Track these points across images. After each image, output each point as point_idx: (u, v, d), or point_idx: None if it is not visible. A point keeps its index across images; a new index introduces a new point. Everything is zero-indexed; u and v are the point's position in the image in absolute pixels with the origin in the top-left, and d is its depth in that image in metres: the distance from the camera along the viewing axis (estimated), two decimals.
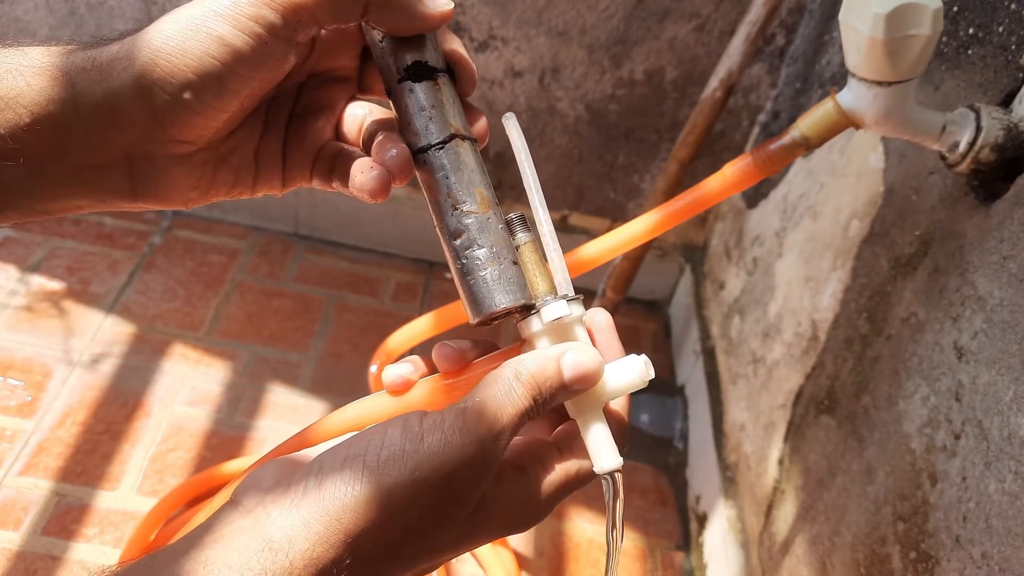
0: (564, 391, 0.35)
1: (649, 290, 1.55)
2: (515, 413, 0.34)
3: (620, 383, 0.37)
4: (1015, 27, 0.67)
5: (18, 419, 1.12)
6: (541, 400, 0.35)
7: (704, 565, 1.14)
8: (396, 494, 0.31)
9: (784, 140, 0.67)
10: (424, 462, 0.32)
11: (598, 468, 0.36)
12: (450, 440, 0.32)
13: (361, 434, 0.34)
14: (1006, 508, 0.57)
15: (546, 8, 1.19)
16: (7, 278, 1.30)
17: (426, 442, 0.32)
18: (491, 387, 0.34)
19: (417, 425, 0.33)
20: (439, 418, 0.33)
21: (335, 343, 1.35)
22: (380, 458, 0.32)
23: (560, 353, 0.36)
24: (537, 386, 0.35)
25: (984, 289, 0.64)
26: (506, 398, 0.34)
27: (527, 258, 0.38)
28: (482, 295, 0.37)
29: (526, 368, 0.35)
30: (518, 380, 0.34)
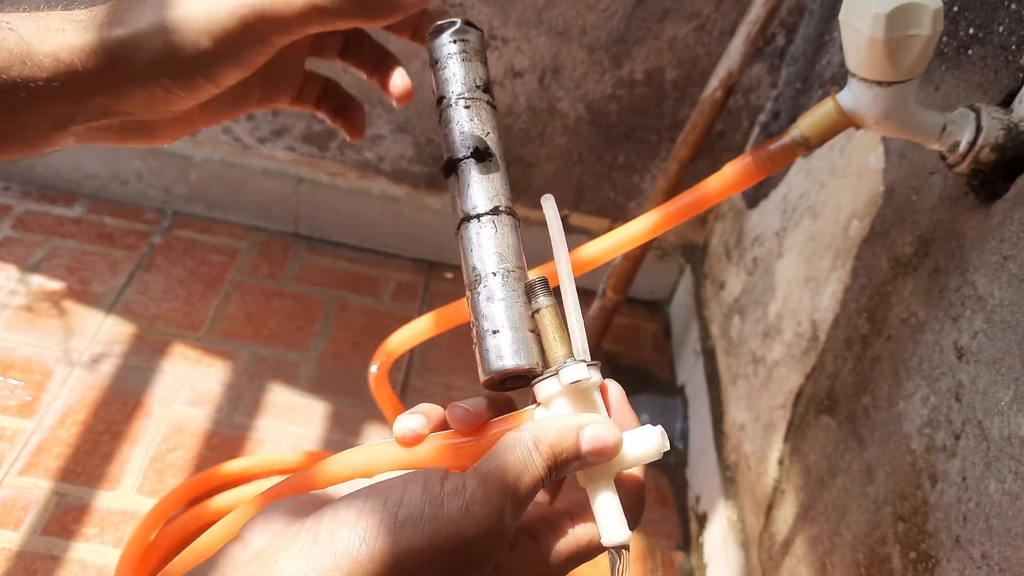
0: (578, 462, 0.35)
1: (649, 290, 1.55)
2: (532, 483, 0.34)
3: (634, 454, 0.37)
4: (1015, 27, 0.67)
5: (18, 419, 1.12)
6: (556, 470, 0.35)
7: (704, 565, 1.14)
8: (411, 557, 0.31)
9: (784, 140, 0.67)
10: (442, 528, 0.31)
11: (606, 541, 0.36)
12: (471, 509, 0.32)
13: (379, 486, 0.33)
14: (1006, 508, 0.57)
15: (546, 8, 1.19)
16: (7, 278, 1.30)
17: (446, 507, 0.32)
18: (510, 453, 0.34)
19: (438, 487, 0.32)
20: (460, 483, 0.33)
21: (335, 343, 1.35)
22: (398, 517, 0.31)
23: (581, 425, 0.35)
24: (554, 456, 0.34)
25: (984, 289, 0.64)
26: (524, 466, 0.34)
27: (547, 322, 0.38)
28: (491, 356, 0.37)
29: (545, 437, 0.34)
30: (536, 449, 0.34)
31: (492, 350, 0.37)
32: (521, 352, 0.37)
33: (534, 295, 0.39)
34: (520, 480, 0.33)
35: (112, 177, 1.47)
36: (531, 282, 0.40)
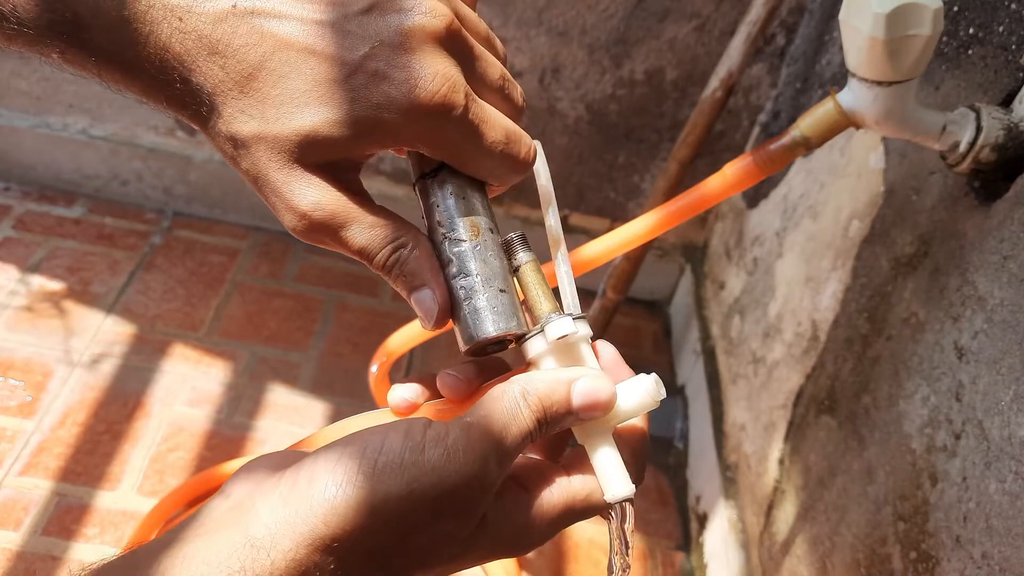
0: (571, 417, 0.34)
1: (649, 290, 1.55)
2: (519, 434, 0.32)
3: (629, 405, 0.35)
4: (1015, 27, 0.67)
5: (18, 419, 1.12)
6: (546, 424, 0.33)
7: (704, 565, 1.14)
8: (389, 505, 0.30)
9: (784, 140, 0.67)
10: (422, 476, 0.30)
11: (609, 496, 0.34)
12: (452, 456, 0.31)
13: (360, 434, 0.32)
14: (1006, 508, 0.57)
15: (546, 8, 1.19)
16: (7, 278, 1.30)
17: (427, 455, 0.31)
18: (497, 403, 0.33)
19: (420, 434, 0.31)
20: (443, 431, 0.31)
21: (335, 343, 1.35)
22: (377, 464, 0.30)
23: (572, 378, 0.34)
24: (543, 409, 0.33)
25: (984, 289, 0.64)
26: (512, 417, 0.32)
27: (528, 278, 0.37)
28: (469, 324, 0.35)
29: (534, 389, 0.33)
30: (525, 400, 0.33)
31: (470, 316, 0.35)
32: (502, 316, 0.35)
33: (513, 252, 0.38)
34: (507, 430, 0.32)
35: (112, 177, 1.47)
36: (508, 238, 0.38)
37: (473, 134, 0.34)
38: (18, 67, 1.34)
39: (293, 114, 0.33)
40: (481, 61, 0.35)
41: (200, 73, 0.32)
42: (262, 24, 0.32)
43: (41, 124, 1.41)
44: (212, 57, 0.32)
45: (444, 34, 0.34)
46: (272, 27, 0.32)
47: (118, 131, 1.42)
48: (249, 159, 0.34)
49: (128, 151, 1.43)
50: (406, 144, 0.35)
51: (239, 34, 0.32)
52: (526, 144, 0.37)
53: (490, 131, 0.35)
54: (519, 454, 0.33)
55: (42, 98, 1.38)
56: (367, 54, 0.33)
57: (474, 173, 0.37)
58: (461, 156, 0.35)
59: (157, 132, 1.41)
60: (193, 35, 0.32)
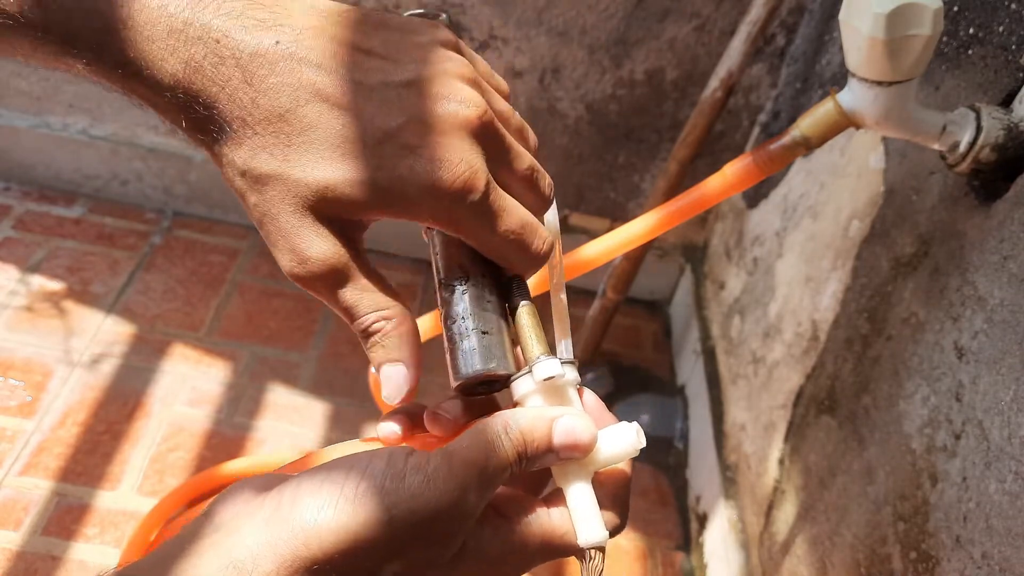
0: (551, 455, 0.34)
1: (649, 290, 1.55)
2: (499, 466, 0.33)
3: (609, 452, 0.36)
4: (1015, 27, 0.67)
5: (18, 419, 1.12)
6: (526, 459, 0.34)
7: (704, 565, 1.14)
8: (369, 529, 0.30)
9: (784, 140, 0.67)
10: (401, 502, 0.31)
11: (582, 540, 0.35)
12: (432, 484, 0.31)
13: (344, 459, 0.33)
14: (1006, 508, 0.57)
15: (546, 8, 1.19)
16: (7, 278, 1.30)
17: (407, 482, 0.31)
18: (479, 435, 0.33)
19: (401, 462, 0.32)
20: (424, 459, 0.32)
21: (335, 343, 1.34)
22: (358, 489, 0.31)
23: (554, 416, 0.35)
24: (525, 444, 0.33)
25: (984, 289, 0.64)
26: (492, 449, 0.33)
27: (524, 320, 0.38)
28: (458, 362, 0.37)
29: (516, 423, 0.34)
30: (507, 433, 0.33)
31: (464, 354, 0.37)
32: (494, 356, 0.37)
33: (510, 294, 0.39)
34: (487, 460, 0.32)
35: (112, 177, 1.47)
36: (507, 280, 0.39)
37: (488, 220, 0.35)
38: (18, 67, 1.34)
39: (316, 164, 0.33)
40: (511, 152, 0.37)
41: (228, 101, 0.33)
42: (302, 70, 0.33)
43: (41, 124, 1.41)
44: (244, 87, 0.32)
45: (476, 124, 0.35)
46: (311, 75, 0.33)
47: (118, 131, 1.42)
48: (260, 196, 0.34)
49: (128, 151, 1.43)
50: (420, 219, 0.35)
51: (276, 72, 0.32)
52: (541, 237, 0.38)
53: (505, 220, 0.36)
54: (499, 485, 0.33)
55: (42, 98, 1.38)
56: (400, 125, 0.33)
57: (485, 254, 0.38)
58: (473, 238, 0.36)
59: (157, 132, 1.41)
60: (230, 61, 0.32)
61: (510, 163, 0.37)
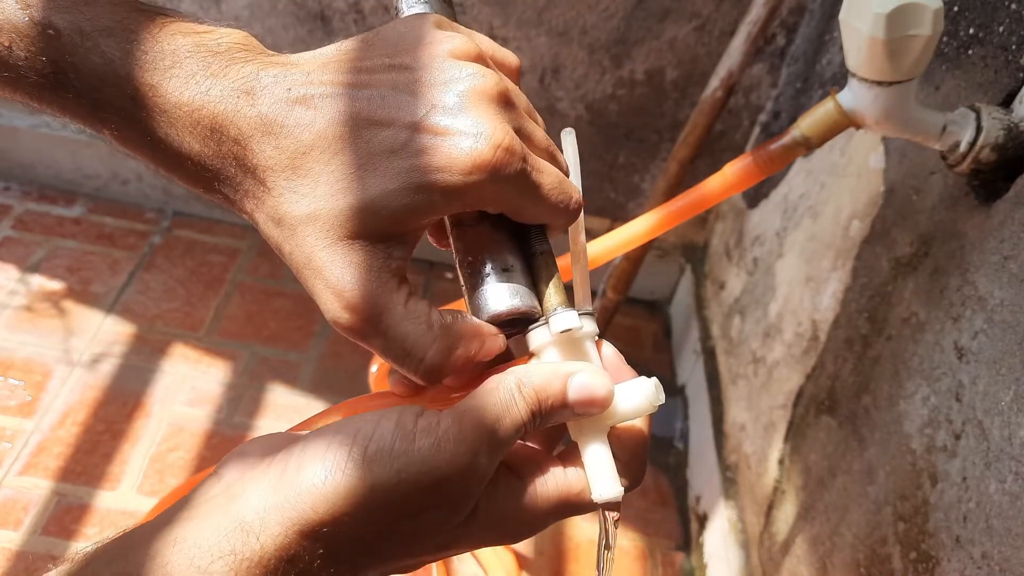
0: (566, 411, 0.34)
1: (649, 290, 1.55)
2: (512, 426, 0.32)
3: (626, 408, 0.35)
4: (1015, 27, 0.67)
5: (18, 419, 1.12)
6: (540, 416, 0.33)
7: (704, 565, 1.14)
8: (377, 493, 0.30)
9: (785, 140, 0.67)
10: (411, 465, 0.30)
11: (596, 496, 0.34)
12: (442, 447, 0.30)
13: (352, 420, 0.32)
14: (1006, 508, 0.57)
15: (546, 8, 1.19)
16: (7, 278, 1.30)
17: (417, 444, 0.30)
18: (491, 394, 0.32)
19: (411, 423, 0.31)
20: (435, 420, 0.31)
21: (335, 343, 1.34)
22: (367, 451, 0.30)
23: (569, 372, 0.34)
24: (539, 401, 0.33)
25: (985, 289, 0.64)
26: (505, 409, 0.32)
27: (542, 269, 0.37)
28: (481, 301, 0.35)
29: (530, 380, 0.33)
30: (520, 392, 0.33)
31: (485, 293, 0.35)
32: (518, 293, 0.35)
33: (528, 241, 0.37)
34: (499, 421, 0.32)
35: (112, 177, 1.47)
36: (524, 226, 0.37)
37: (532, 187, 0.35)
38: None
39: (347, 189, 0.32)
40: (528, 123, 0.36)
41: (254, 154, 0.33)
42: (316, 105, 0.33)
43: (41, 124, 1.41)
44: (266, 137, 0.33)
45: (494, 92, 0.34)
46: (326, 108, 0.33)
47: None
48: (295, 241, 0.33)
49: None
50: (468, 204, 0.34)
51: (293, 116, 0.33)
52: (575, 190, 0.37)
53: (546, 181, 0.35)
54: (512, 444, 0.33)
55: None
56: (423, 117, 0.33)
57: (530, 220, 0.36)
58: (520, 207, 0.35)
59: None
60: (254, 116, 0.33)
61: (530, 134, 0.36)
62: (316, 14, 1.24)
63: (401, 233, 0.34)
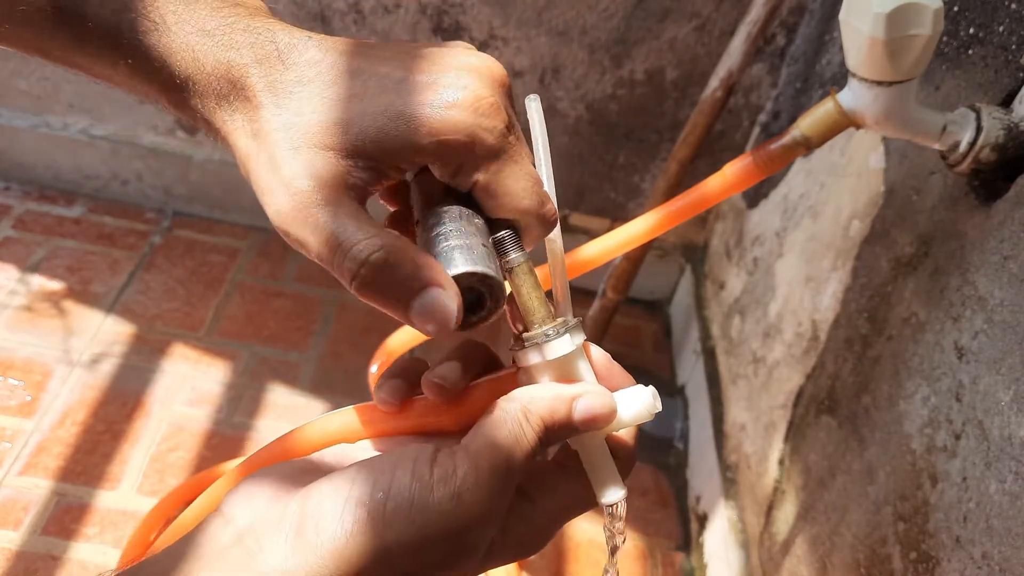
0: (572, 431, 0.34)
1: (649, 290, 1.55)
2: (523, 458, 0.33)
3: (627, 416, 0.35)
4: (1016, 27, 0.67)
5: (18, 419, 1.12)
6: (547, 441, 0.34)
7: (704, 565, 1.14)
8: (400, 549, 0.30)
9: (784, 140, 0.67)
10: (432, 520, 0.30)
11: (604, 500, 0.35)
12: (463, 498, 0.31)
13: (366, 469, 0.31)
14: (1007, 508, 0.57)
15: (546, 8, 1.19)
16: (7, 278, 1.30)
17: (436, 496, 0.30)
18: (500, 428, 0.33)
19: (427, 473, 0.31)
20: (451, 468, 0.31)
21: (335, 343, 1.34)
22: (386, 508, 0.30)
23: (574, 395, 0.34)
24: (546, 428, 0.33)
25: (985, 289, 0.64)
26: (516, 442, 0.32)
27: (520, 280, 0.35)
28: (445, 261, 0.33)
29: (536, 409, 0.33)
30: (528, 421, 0.33)
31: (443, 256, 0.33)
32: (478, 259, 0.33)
33: (504, 251, 0.35)
34: (512, 457, 0.32)
35: (112, 177, 1.47)
36: (499, 236, 0.35)
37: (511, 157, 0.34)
38: (18, 67, 1.34)
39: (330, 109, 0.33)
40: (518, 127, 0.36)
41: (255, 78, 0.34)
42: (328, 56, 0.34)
43: (41, 124, 1.41)
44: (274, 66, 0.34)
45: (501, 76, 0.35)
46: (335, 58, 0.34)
47: (118, 131, 1.42)
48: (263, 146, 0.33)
49: (128, 151, 1.43)
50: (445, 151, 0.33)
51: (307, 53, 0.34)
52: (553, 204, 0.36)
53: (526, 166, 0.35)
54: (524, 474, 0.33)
55: (42, 98, 1.38)
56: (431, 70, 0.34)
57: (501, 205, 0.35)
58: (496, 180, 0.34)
59: (157, 132, 1.41)
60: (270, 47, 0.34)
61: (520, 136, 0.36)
62: (316, 14, 1.24)
63: (371, 158, 0.33)
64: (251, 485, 0.32)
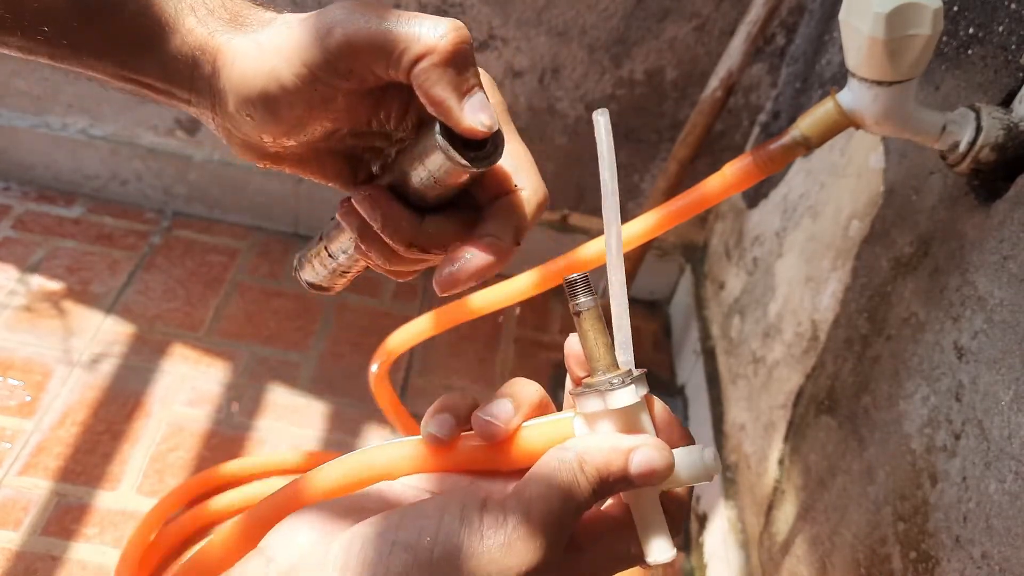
0: (627, 484, 0.33)
1: (649, 290, 1.55)
2: (576, 509, 0.32)
3: (683, 474, 0.35)
4: (1015, 27, 0.67)
5: (18, 419, 1.12)
6: (602, 493, 0.33)
7: (704, 565, 1.14)
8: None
9: (784, 140, 0.67)
10: (482, 568, 0.29)
11: (651, 559, 0.34)
12: (514, 546, 0.30)
13: (412, 514, 0.31)
14: (1006, 508, 0.57)
15: (546, 8, 1.19)
16: (7, 278, 1.30)
17: (486, 544, 0.30)
18: (555, 478, 0.32)
19: (477, 519, 0.30)
20: (501, 516, 0.30)
21: (335, 343, 1.34)
22: (434, 554, 0.29)
23: (631, 447, 0.33)
24: (600, 480, 0.32)
25: (984, 289, 0.64)
26: (570, 493, 0.31)
27: (588, 325, 0.35)
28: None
29: (592, 460, 0.32)
30: (583, 472, 0.32)
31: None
32: None
33: (574, 292, 0.35)
34: (565, 508, 0.31)
35: (112, 177, 1.47)
36: (571, 279, 0.35)
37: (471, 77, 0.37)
38: (18, 67, 1.34)
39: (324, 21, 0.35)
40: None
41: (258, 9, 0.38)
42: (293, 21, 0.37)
43: (41, 124, 1.41)
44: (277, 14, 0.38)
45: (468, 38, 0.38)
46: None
47: (118, 131, 1.42)
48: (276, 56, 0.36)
49: (128, 151, 1.43)
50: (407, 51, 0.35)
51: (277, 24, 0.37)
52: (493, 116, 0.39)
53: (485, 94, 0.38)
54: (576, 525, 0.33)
55: (42, 98, 1.38)
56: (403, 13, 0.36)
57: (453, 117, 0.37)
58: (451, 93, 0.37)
59: (157, 132, 1.41)
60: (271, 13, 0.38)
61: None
62: None
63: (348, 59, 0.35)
64: (294, 524, 0.32)
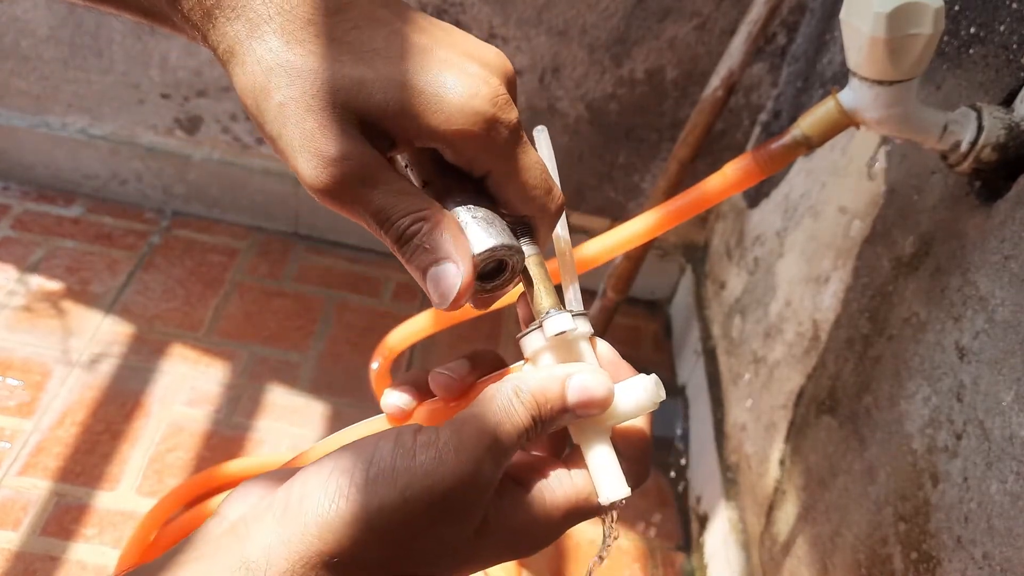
0: (567, 415, 0.33)
1: (650, 290, 1.55)
2: (513, 432, 0.32)
3: (627, 406, 0.35)
4: (1017, 26, 0.66)
5: (17, 419, 1.12)
6: (540, 422, 0.33)
7: (705, 566, 1.14)
8: (384, 514, 0.29)
9: (785, 139, 0.66)
10: (415, 481, 0.30)
11: (603, 498, 0.34)
12: (444, 458, 0.30)
13: (351, 445, 0.32)
14: (1008, 508, 0.57)
15: (546, 7, 1.19)
16: (6, 278, 1.30)
17: (418, 459, 0.30)
18: (489, 403, 0.32)
19: (410, 440, 0.31)
20: (434, 435, 0.31)
21: (335, 343, 1.34)
22: (368, 474, 0.30)
23: (566, 374, 0.33)
24: (538, 406, 0.32)
25: (986, 289, 0.64)
26: (505, 415, 0.32)
27: (532, 271, 0.36)
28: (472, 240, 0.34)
29: (527, 386, 0.32)
30: (518, 397, 0.32)
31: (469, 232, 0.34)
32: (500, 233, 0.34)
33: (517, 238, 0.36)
34: (499, 427, 0.31)
35: (111, 177, 1.46)
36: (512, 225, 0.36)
37: (522, 147, 0.35)
38: (18, 66, 1.34)
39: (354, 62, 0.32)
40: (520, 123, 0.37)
41: None
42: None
43: (40, 124, 1.41)
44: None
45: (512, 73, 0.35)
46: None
47: (117, 130, 1.42)
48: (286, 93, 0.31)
49: (127, 150, 1.43)
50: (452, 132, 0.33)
51: None
52: (558, 188, 0.37)
53: (534, 157, 0.35)
54: (514, 452, 0.33)
55: (41, 98, 1.38)
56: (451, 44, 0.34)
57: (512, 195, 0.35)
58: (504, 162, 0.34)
59: (156, 131, 1.41)
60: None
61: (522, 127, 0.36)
62: None
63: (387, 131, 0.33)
64: (244, 486, 0.33)
